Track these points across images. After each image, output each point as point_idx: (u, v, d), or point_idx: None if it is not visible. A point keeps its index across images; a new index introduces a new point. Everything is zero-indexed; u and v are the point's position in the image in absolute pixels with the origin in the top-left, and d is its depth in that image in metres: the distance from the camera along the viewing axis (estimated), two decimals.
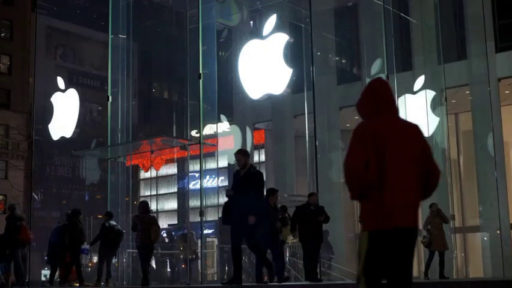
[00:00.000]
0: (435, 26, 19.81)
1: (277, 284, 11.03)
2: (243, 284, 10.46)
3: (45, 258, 16.27)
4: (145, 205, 13.08)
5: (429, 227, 14.01)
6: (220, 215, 18.05)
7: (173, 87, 40.89)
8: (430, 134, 18.40)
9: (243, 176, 9.52)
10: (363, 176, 3.81)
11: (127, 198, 19.04)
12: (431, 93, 18.07)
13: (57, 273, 15.58)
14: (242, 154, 9.73)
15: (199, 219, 13.92)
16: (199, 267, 16.33)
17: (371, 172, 3.82)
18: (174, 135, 29.97)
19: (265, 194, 10.63)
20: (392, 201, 3.83)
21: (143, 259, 12.66)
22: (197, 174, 21.58)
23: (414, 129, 4.07)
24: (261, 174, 9.65)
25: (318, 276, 12.02)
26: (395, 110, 4.12)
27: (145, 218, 12.60)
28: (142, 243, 12.50)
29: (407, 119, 4.37)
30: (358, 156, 3.84)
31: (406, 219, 3.87)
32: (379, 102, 4.07)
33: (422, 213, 21.20)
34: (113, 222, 14.08)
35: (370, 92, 4.15)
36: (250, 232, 9.45)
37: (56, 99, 17.33)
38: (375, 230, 3.88)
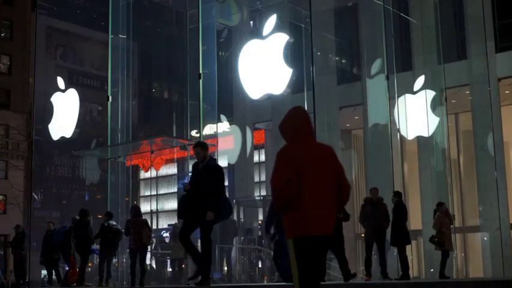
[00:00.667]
0: (435, 26, 19.81)
1: (277, 283, 11.04)
2: (243, 284, 10.47)
3: (41, 258, 16.25)
4: (136, 209, 13.52)
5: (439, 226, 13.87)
6: None
7: (173, 87, 40.88)
8: (430, 134, 18.40)
9: (202, 169, 9.11)
10: (285, 191, 4.51)
11: (127, 198, 19.03)
12: (431, 93, 18.06)
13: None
14: (201, 147, 9.26)
15: None
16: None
17: (292, 188, 4.52)
18: (174, 135, 29.97)
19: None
20: (309, 212, 4.54)
21: (134, 261, 13.03)
22: None
23: (328, 151, 4.78)
24: (220, 167, 9.31)
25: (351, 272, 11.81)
26: (312, 135, 4.81)
27: (137, 222, 12.97)
28: (135, 246, 12.91)
29: (407, 119, 4.50)
30: (282, 176, 4.55)
31: (320, 228, 4.59)
32: (298, 129, 4.73)
33: (423, 213, 21.24)
34: (112, 222, 14.10)
35: (291, 120, 4.77)
36: (207, 226, 9.00)
37: (56, 99, 17.33)
38: (297, 236, 4.59)
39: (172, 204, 37.29)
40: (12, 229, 19.09)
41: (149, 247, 15.62)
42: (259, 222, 22.09)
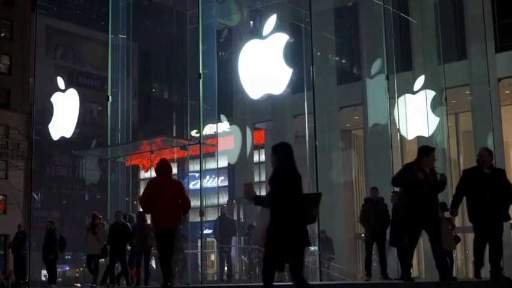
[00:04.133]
0: (435, 26, 19.79)
1: (277, 283, 11.02)
2: (243, 284, 10.46)
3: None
4: (142, 215, 14.33)
5: None
6: (219, 215, 18.08)
7: (173, 87, 40.90)
8: (430, 134, 18.39)
9: None
10: (147, 204, 9.21)
11: (127, 198, 19.04)
12: (431, 93, 18.04)
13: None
14: None
15: (199, 219, 14.00)
16: (199, 268, 16.32)
17: (149, 201, 9.12)
18: (174, 135, 29.97)
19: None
20: (157, 215, 9.13)
21: (139, 261, 14.17)
22: (197, 174, 21.54)
23: (174, 182, 9.41)
24: None
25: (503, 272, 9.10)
26: (168, 174, 9.36)
27: (142, 227, 14.03)
28: (140, 248, 14.05)
29: (407, 119, 4.46)
30: (145, 195, 9.16)
31: (165, 224, 9.10)
32: (161, 171, 9.33)
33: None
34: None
35: (157, 167, 9.35)
36: None
37: (56, 99, 17.30)
38: (156, 229, 9.34)
39: None
40: (14, 228, 19.14)
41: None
42: None
